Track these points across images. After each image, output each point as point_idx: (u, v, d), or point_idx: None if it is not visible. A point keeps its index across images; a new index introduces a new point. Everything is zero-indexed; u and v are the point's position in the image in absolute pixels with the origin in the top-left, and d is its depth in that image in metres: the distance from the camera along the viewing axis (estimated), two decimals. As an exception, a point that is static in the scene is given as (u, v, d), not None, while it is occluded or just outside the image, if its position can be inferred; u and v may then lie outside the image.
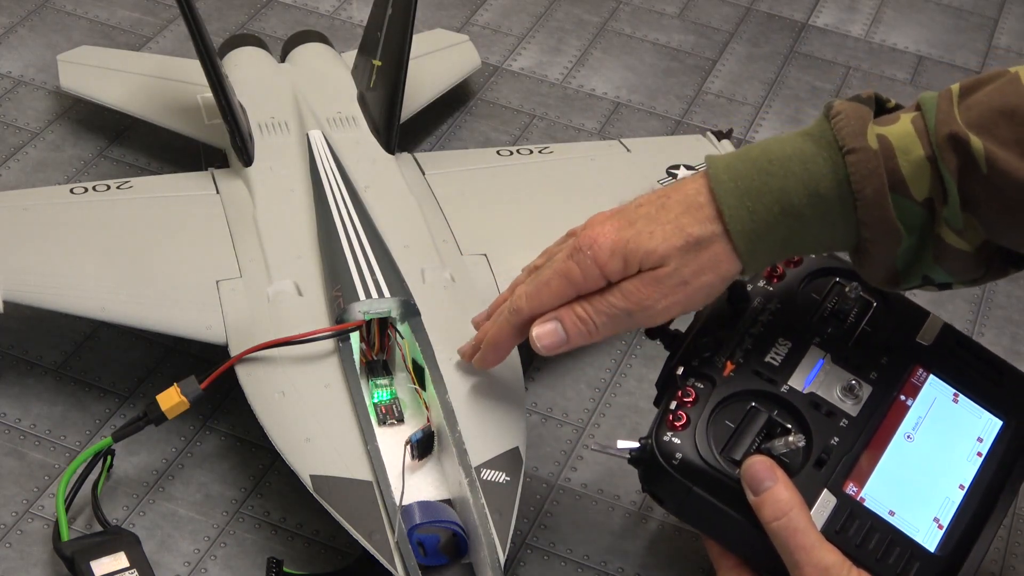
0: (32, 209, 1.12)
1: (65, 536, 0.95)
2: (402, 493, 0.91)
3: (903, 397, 0.89)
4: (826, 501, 0.83)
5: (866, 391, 0.88)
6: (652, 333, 0.90)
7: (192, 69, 1.23)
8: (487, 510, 0.90)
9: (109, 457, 1.01)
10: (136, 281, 1.06)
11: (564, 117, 1.42)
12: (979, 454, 0.89)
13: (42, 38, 1.44)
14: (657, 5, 1.60)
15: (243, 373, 0.99)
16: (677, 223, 0.84)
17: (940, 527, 0.85)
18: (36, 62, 1.41)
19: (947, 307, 1.25)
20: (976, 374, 0.92)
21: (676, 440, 0.84)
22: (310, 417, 0.96)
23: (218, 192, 1.16)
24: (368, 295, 1.00)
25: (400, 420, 0.97)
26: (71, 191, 1.15)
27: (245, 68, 1.28)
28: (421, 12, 1.28)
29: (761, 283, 0.93)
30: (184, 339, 1.04)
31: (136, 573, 0.93)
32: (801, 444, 0.84)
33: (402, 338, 1.00)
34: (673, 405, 0.86)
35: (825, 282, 0.94)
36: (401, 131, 1.22)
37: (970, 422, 0.90)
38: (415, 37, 1.21)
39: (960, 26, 1.63)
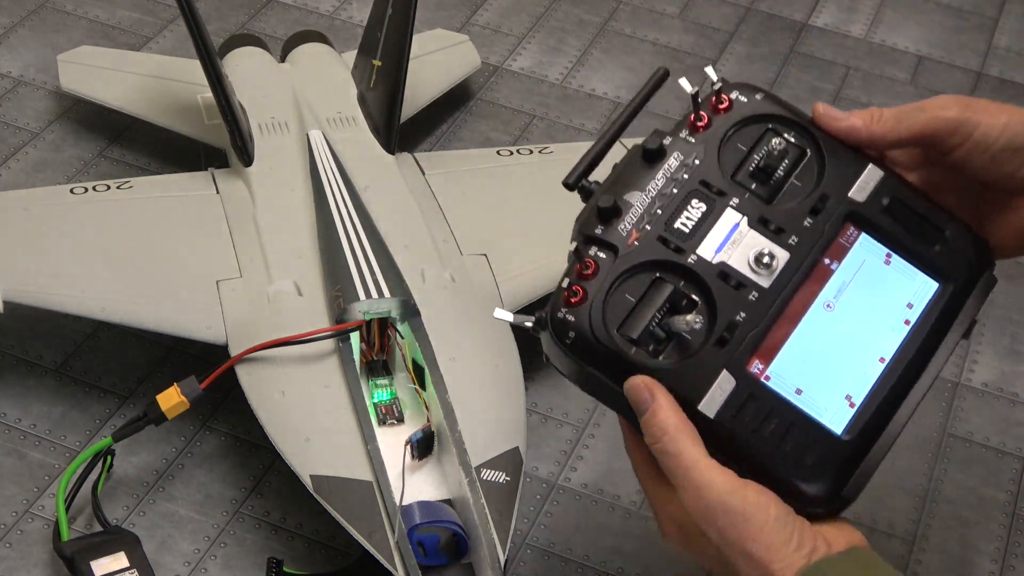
0: (32, 209, 1.12)
1: (65, 536, 0.95)
2: (402, 493, 0.91)
3: (827, 261, 0.80)
4: (724, 383, 0.76)
5: (782, 259, 0.79)
6: (570, 185, 0.81)
7: (192, 69, 1.23)
8: (487, 510, 0.90)
9: (109, 457, 1.01)
10: (136, 281, 1.06)
11: (564, 117, 1.42)
12: (906, 322, 0.80)
13: (42, 38, 1.44)
14: (657, 5, 1.60)
15: (243, 373, 0.99)
16: None
17: (852, 405, 0.78)
18: (36, 62, 1.41)
19: (947, 307, 1.25)
20: (915, 231, 0.81)
21: (570, 317, 0.77)
22: (310, 417, 0.96)
23: (218, 192, 1.16)
24: (368, 295, 1.00)
25: (400, 420, 0.97)
26: (71, 191, 1.15)
27: (245, 68, 1.28)
28: (421, 12, 1.28)
29: (683, 133, 0.82)
30: (184, 339, 1.04)
31: (136, 573, 0.93)
32: (698, 324, 0.76)
33: (402, 338, 1.00)
34: (568, 280, 0.78)
35: (756, 130, 0.82)
36: (401, 131, 1.22)
37: (901, 286, 0.80)
38: (415, 37, 1.21)
39: (960, 26, 1.63)
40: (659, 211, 0.79)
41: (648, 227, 0.79)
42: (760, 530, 0.72)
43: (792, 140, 0.82)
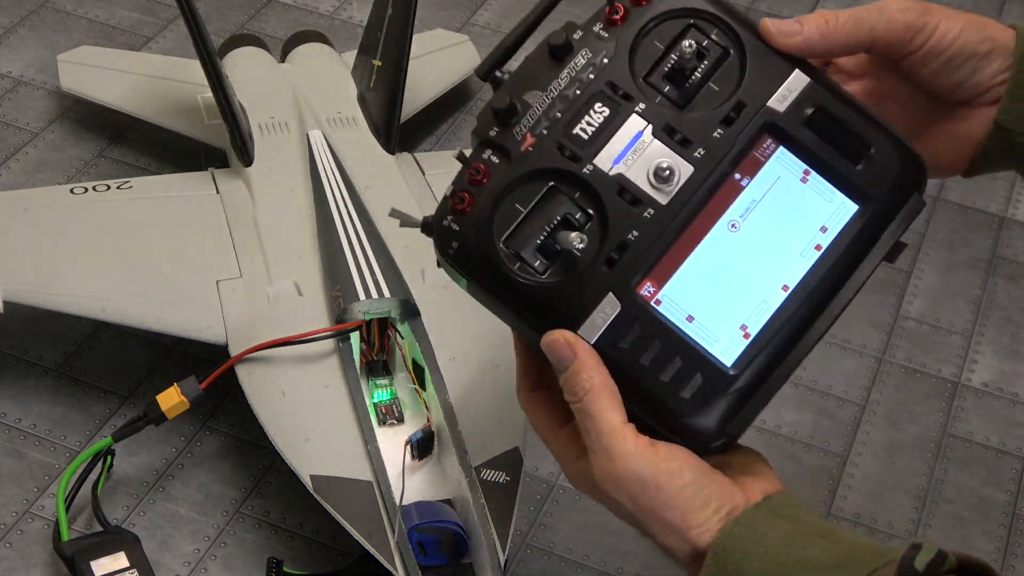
0: (32, 209, 1.12)
1: (65, 536, 0.95)
2: (402, 493, 0.91)
3: (738, 176, 0.72)
4: (608, 307, 0.71)
5: (684, 173, 0.72)
6: (481, 75, 0.75)
7: (192, 69, 1.23)
8: (487, 510, 0.90)
9: (109, 457, 1.01)
10: (136, 281, 1.06)
11: (564, 117, 1.42)
12: (818, 247, 0.72)
13: (42, 38, 1.44)
14: (657, 5, 1.60)
15: (243, 373, 0.99)
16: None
17: (747, 336, 0.71)
18: (36, 62, 1.41)
19: (947, 306, 1.25)
20: (839, 146, 0.73)
21: (455, 226, 0.71)
22: (310, 417, 0.96)
23: (218, 192, 1.16)
24: (368, 295, 1.00)
25: (400, 420, 0.97)
26: (71, 191, 1.15)
27: (245, 68, 1.28)
28: (421, 12, 1.28)
29: (597, 27, 0.74)
30: (184, 339, 1.04)
31: (136, 573, 0.93)
32: (582, 244, 0.70)
33: (402, 338, 1.00)
34: (455, 186, 0.72)
35: (677, 26, 0.74)
36: (401, 131, 1.22)
37: (817, 207, 0.73)
38: (415, 37, 1.21)
39: (960, 26, 1.63)
40: (559, 114, 0.72)
41: (545, 131, 0.72)
42: (674, 498, 0.69)
43: (715, 39, 0.74)
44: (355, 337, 0.99)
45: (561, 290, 0.71)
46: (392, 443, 0.94)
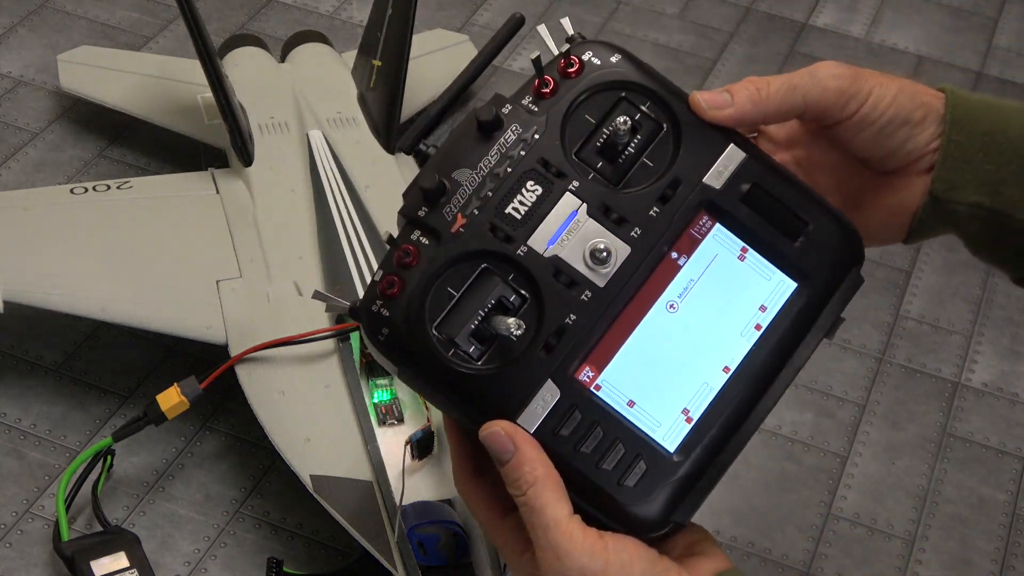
0: (32, 209, 1.13)
1: (65, 536, 0.95)
2: (402, 493, 0.91)
3: (675, 255, 0.71)
4: (547, 394, 0.68)
5: (621, 254, 0.70)
6: (405, 149, 0.73)
7: (192, 69, 1.23)
8: (487, 510, 0.90)
9: (109, 457, 1.01)
10: (136, 281, 1.06)
11: (564, 117, 1.42)
12: (757, 327, 0.71)
13: (42, 38, 1.44)
14: (657, 5, 1.60)
15: (243, 373, 0.99)
16: None
17: (688, 420, 0.69)
18: (36, 62, 1.41)
19: (947, 306, 1.25)
20: (776, 223, 0.71)
21: (384, 312, 0.69)
22: (310, 417, 0.96)
23: (218, 192, 1.16)
24: (368, 295, 1.00)
25: (400, 420, 0.97)
26: (71, 191, 1.15)
27: (245, 68, 1.28)
28: (421, 12, 1.28)
29: (525, 100, 0.71)
30: (184, 339, 1.04)
31: (136, 573, 0.93)
32: (519, 332, 0.67)
33: (402, 338, 1.00)
34: (383, 270, 0.70)
35: (608, 99, 0.72)
36: (401, 131, 1.22)
37: (755, 286, 0.71)
38: (415, 37, 1.21)
39: (960, 26, 1.63)
40: (490, 193, 0.70)
41: (476, 211, 0.70)
42: None
43: (647, 112, 0.72)
44: (355, 337, 0.99)
45: (498, 378, 0.68)
46: (392, 443, 0.94)
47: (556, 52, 0.72)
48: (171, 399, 0.97)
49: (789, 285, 0.71)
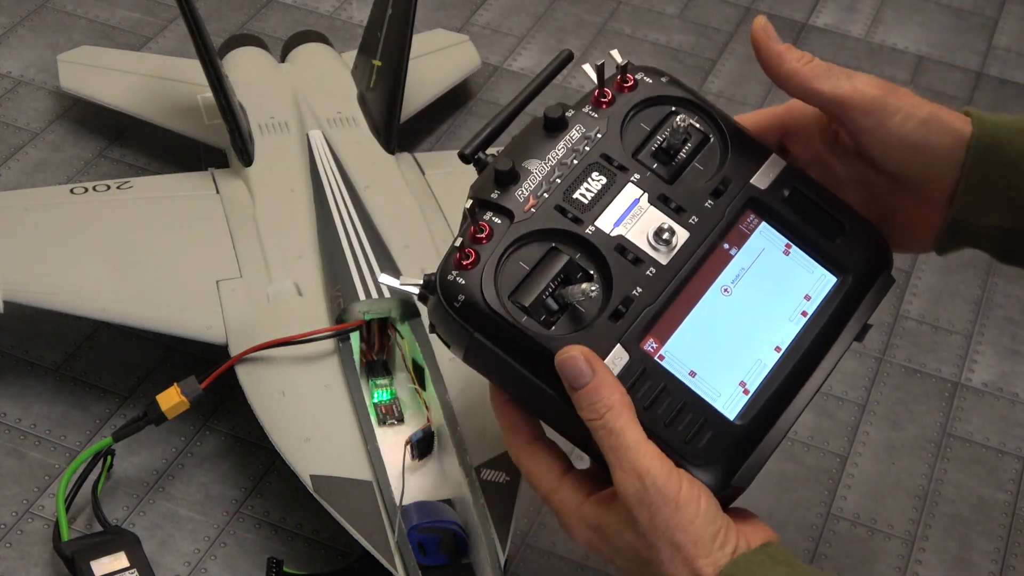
0: (32, 209, 1.13)
1: (65, 536, 0.95)
2: (402, 493, 0.91)
3: (726, 246, 0.79)
4: (617, 358, 0.74)
5: (681, 237, 0.78)
6: (466, 156, 0.80)
7: (192, 69, 1.23)
8: (487, 510, 0.90)
9: (109, 457, 1.01)
10: (136, 281, 1.06)
11: (564, 117, 1.42)
12: (804, 314, 0.79)
13: (42, 38, 1.44)
14: (657, 5, 1.60)
15: (243, 373, 0.99)
16: None
17: (746, 392, 0.76)
18: (36, 62, 1.41)
19: (947, 306, 1.25)
20: (815, 224, 0.81)
21: (461, 280, 0.74)
22: (310, 417, 0.96)
23: (218, 192, 1.16)
24: (368, 295, 1.00)
25: (400, 420, 0.97)
26: (71, 191, 1.15)
27: (245, 68, 1.29)
28: (421, 12, 1.28)
29: (586, 108, 0.81)
30: (184, 339, 1.04)
31: (136, 573, 0.93)
32: (593, 293, 0.74)
33: (402, 338, 1.00)
34: (462, 241, 0.76)
35: (660, 112, 0.82)
36: (401, 131, 1.22)
37: (800, 278, 0.80)
38: (415, 37, 1.21)
39: (960, 26, 1.63)
40: (558, 180, 0.78)
41: (546, 195, 0.77)
42: (691, 522, 0.71)
43: (696, 125, 0.82)
44: (355, 337, 0.99)
45: (570, 342, 0.74)
46: (392, 443, 0.94)
47: (597, 84, 0.82)
48: (171, 399, 0.97)
49: (830, 279, 0.80)
